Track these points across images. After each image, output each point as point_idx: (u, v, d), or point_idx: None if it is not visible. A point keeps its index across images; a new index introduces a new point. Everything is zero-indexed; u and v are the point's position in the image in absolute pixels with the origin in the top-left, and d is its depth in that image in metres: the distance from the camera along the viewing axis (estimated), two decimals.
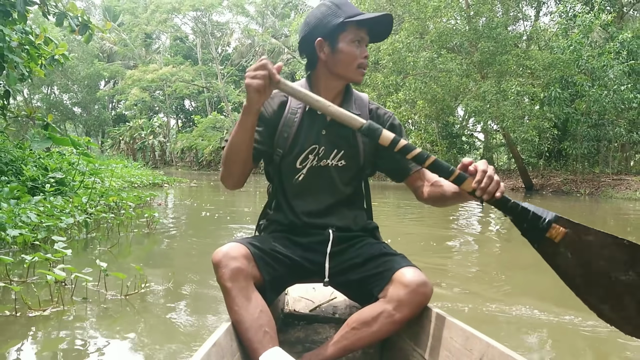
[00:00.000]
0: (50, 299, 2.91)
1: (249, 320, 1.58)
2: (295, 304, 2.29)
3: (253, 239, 1.80)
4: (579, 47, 20.20)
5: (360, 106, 1.96)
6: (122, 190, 8.90)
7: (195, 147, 42.18)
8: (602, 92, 19.61)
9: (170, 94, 41.62)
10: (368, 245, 1.90)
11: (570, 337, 2.88)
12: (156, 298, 3.20)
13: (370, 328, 1.65)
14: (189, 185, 16.87)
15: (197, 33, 41.35)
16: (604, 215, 12.15)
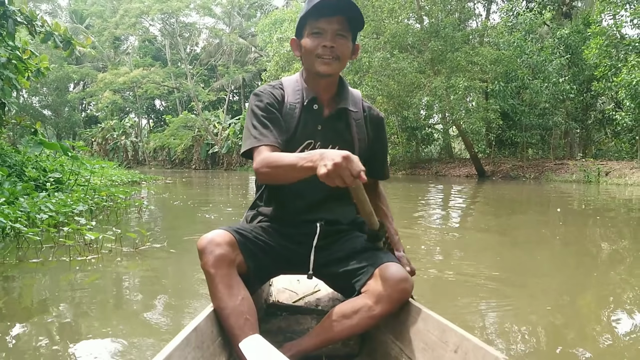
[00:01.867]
0: (88, 251, 4.39)
1: (230, 306, 1.62)
2: (279, 295, 2.33)
3: (240, 227, 1.84)
4: (522, 44, 22.01)
5: (354, 102, 2.00)
6: (109, 187, 10.27)
7: (167, 146, 43.30)
8: (543, 84, 21.48)
9: (141, 95, 42.59)
10: (354, 239, 1.95)
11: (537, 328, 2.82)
12: (156, 250, 4.71)
13: (350, 321, 1.69)
14: (165, 182, 18.22)
15: (165, 34, 42.31)
16: (540, 195, 13.97)
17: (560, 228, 7.30)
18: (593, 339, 2.70)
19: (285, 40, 22.24)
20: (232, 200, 11.87)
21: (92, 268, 4.04)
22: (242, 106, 47.04)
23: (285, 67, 22.45)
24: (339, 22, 1.85)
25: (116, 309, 3.11)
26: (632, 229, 7.37)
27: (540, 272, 4.21)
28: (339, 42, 1.86)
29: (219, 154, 41.05)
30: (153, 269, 4.15)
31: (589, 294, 3.70)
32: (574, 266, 4.65)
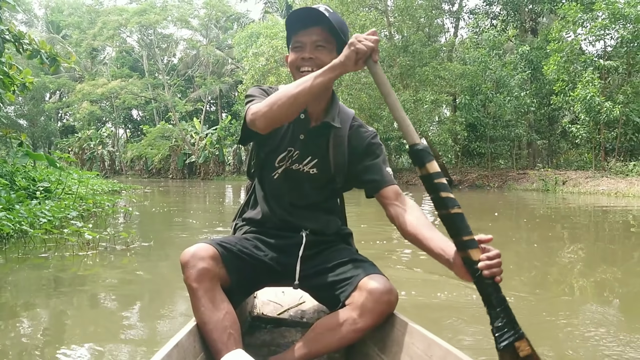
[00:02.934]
0: (87, 249, 5.19)
1: (213, 321, 1.61)
2: (264, 307, 2.33)
3: (223, 240, 1.81)
4: (486, 59, 23.22)
5: (343, 120, 1.96)
6: (94, 195, 11.00)
7: (145, 155, 43.75)
8: (506, 98, 22.69)
9: (118, 105, 43.06)
10: (339, 250, 1.93)
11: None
12: (144, 248, 5.51)
13: (334, 334, 1.68)
14: (144, 191, 18.90)
15: (143, 46, 42.87)
16: (502, 203, 14.99)
17: (508, 230, 8.24)
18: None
19: (260, 55, 23.10)
20: (210, 207, 12.68)
21: (91, 262, 4.84)
22: (219, 116, 47.71)
23: (261, 80, 23.28)
24: (317, 33, 1.85)
25: (113, 292, 3.92)
26: (567, 231, 8.36)
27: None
28: (318, 52, 1.85)
29: (196, 163, 41.64)
30: (143, 262, 4.97)
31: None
32: (519, 260, 5.55)
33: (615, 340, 2.80)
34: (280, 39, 23.40)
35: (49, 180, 10.42)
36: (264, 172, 1.99)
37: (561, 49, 21.11)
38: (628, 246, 6.81)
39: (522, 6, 27.00)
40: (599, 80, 20.23)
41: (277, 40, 23.28)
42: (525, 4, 27.12)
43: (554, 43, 21.46)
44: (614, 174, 19.18)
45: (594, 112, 19.67)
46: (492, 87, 23.34)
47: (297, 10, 1.86)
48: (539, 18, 28.79)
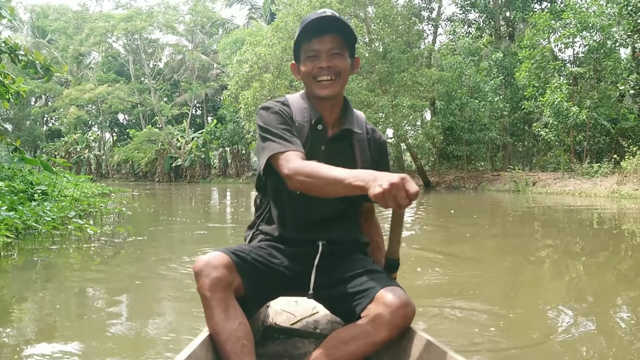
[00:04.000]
0: (90, 242, 6.00)
1: (227, 331, 1.60)
2: (277, 317, 2.31)
3: (237, 249, 1.79)
4: (462, 65, 24.22)
5: (359, 124, 1.98)
6: (88, 197, 11.75)
7: (131, 159, 44.36)
8: (480, 103, 23.71)
9: (105, 109, 43.65)
10: (355, 261, 1.91)
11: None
12: (139, 241, 6.33)
13: (349, 347, 1.65)
14: (132, 194, 19.63)
15: (129, 51, 43.47)
16: (474, 202, 15.94)
17: (476, 227, 9.14)
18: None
19: (244, 62, 23.93)
20: (197, 208, 13.50)
21: (93, 252, 5.66)
22: (205, 120, 48.42)
23: (245, 86, 24.11)
24: (332, 40, 1.85)
25: (115, 274, 4.74)
26: (532, 226, 9.28)
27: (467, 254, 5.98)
28: (335, 60, 1.85)
29: (182, 167, 42.36)
30: (138, 252, 5.79)
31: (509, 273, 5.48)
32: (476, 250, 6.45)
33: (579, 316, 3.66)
34: (263, 46, 24.23)
35: (45, 184, 11.17)
36: (281, 189, 1.88)
37: (532, 56, 22.16)
38: (583, 240, 7.73)
39: (496, 14, 28.10)
40: (567, 86, 21.32)
41: (261, 47, 24.10)
42: (500, 12, 28.23)
43: (526, 50, 22.53)
44: (580, 175, 20.22)
45: (562, 117, 20.74)
46: (467, 92, 24.35)
47: (315, 19, 1.82)
48: (515, 24, 29.89)
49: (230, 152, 42.41)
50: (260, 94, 24.29)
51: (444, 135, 24.45)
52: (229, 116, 38.54)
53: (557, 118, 21.00)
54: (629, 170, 17.25)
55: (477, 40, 25.98)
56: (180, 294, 3.90)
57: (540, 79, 22.30)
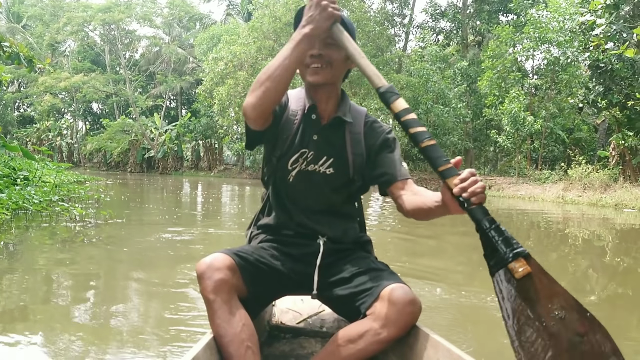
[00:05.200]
0: (75, 222, 6.87)
1: (230, 334, 1.60)
2: (282, 316, 2.32)
3: (240, 250, 1.79)
4: (429, 72, 25.42)
5: (355, 117, 1.96)
6: (67, 184, 12.51)
7: (104, 148, 44.64)
8: (444, 109, 24.94)
9: (79, 98, 43.85)
10: (358, 259, 1.90)
11: None
12: (119, 223, 7.22)
13: (356, 346, 1.65)
14: (105, 183, 20.33)
15: (106, 41, 43.69)
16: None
17: (436, 226, 10.15)
18: None
19: (219, 59, 24.75)
20: (169, 198, 14.36)
21: (79, 230, 6.54)
22: (179, 113, 48.86)
23: (219, 83, 24.95)
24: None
25: (100, 248, 5.64)
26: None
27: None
28: (328, 49, 1.83)
29: (155, 158, 42.79)
30: (119, 231, 6.69)
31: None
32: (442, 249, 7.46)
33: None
34: (239, 45, 25.08)
35: (27, 170, 11.90)
36: (278, 176, 1.93)
37: (494, 66, 23.47)
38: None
39: (464, 24, 29.40)
40: (525, 97, 22.67)
41: (236, 46, 24.95)
42: (468, 22, 29.55)
43: (488, 60, 23.83)
44: (533, 181, 21.58)
45: (519, 125, 22.08)
46: (433, 98, 25.57)
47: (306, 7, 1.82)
48: (483, 33, 31.26)
49: (203, 146, 43.00)
50: (234, 90, 25.17)
51: (409, 139, 25.52)
52: (203, 110, 39.17)
53: (513, 126, 22.33)
54: (574, 178, 18.61)
55: (445, 48, 27.21)
56: (154, 262, 4.83)
57: (501, 88, 23.63)
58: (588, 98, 19.04)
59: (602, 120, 22.49)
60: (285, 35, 24.56)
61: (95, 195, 10.62)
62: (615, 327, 3.48)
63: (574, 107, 22.96)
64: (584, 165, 18.80)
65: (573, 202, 17.00)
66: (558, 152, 24.01)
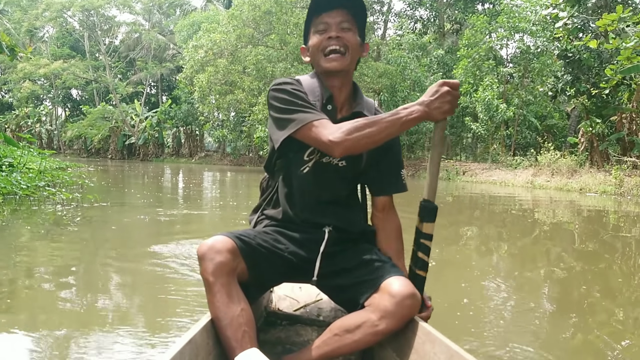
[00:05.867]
0: (63, 205, 7.31)
1: (228, 317, 1.59)
2: (280, 302, 2.31)
3: (242, 233, 1.78)
4: (406, 60, 25.93)
5: (368, 109, 1.96)
6: (51, 170, 12.84)
7: (84, 135, 44.64)
8: (420, 96, 25.50)
9: (59, 85, 43.70)
10: (361, 250, 1.90)
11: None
12: (104, 206, 7.68)
13: (352, 336, 1.65)
14: (87, 169, 20.62)
15: (85, 27, 43.52)
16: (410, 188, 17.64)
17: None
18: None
19: (199, 47, 25.01)
20: (151, 183, 14.78)
21: (66, 212, 6.98)
22: (160, 99, 48.94)
23: (200, 70, 25.23)
24: (341, 15, 1.85)
25: (88, 227, 6.11)
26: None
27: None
28: (344, 33, 1.83)
29: (136, 145, 42.94)
30: (103, 213, 7.15)
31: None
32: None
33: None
34: (218, 32, 25.34)
35: (12, 157, 12.22)
36: (291, 168, 1.91)
37: (469, 55, 24.06)
38: (489, 220, 9.42)
39: (441, 12, 29.93)
40: (498, 85, 23.33)
41: (216, 34, 25.22)
42: (445, 11, 30.08)
43: (464, 49, 24.41)
44: (505, 166, 22.29)
45: (492, 112, 22.75)
46: (410, 86, 26.13)
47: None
48: (461, 22, 31.81)
49: (184, 132, 43.24)
50: (214, 77, 25.48)
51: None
52: (184, 97, 39.38)
53: (487, 114, 23.00)
54: (543, 164, 19.34)
55: (422, 36, 27.72)
56: (137, 239, 5.31)
57: (476, 76, 24.25)
58: (557, 87, 19.72)
59: (573, 107, 23.23)
60: (265, 23, 24.91)
61: (80, 181, 11.02)
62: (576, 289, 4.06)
63: (546, 95, 23.67)
64: (552, 152, 19.53)
65: (541, 187, 17.72)
66: (531, 138, 24.76)
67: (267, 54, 24.21)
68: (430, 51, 29.11)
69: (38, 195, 7.84)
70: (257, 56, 24.05)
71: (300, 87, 1.86)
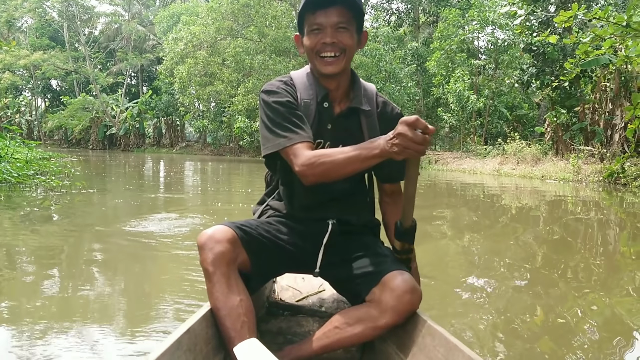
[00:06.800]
0: (53, 191, 7.99)
1: (227, 307, 1.59)
2: (283, 293, 2.32)
3: (244, 223, 1.78)
4: (382, 52, 26.69)
5: (368, 98, 1.92)
6: (37, 160, 13.42)
7: (65, 126, 44.86)
8: (395, 87, 26.33)
9: (38, 75, 43.79)
10: (364, 242, 1.90)
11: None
12: (91, 192, 8.36)
13: (353, 329, 1.66)
14: (70, 160, 21.14)
15: (64, 17, 43.56)
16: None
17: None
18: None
19: (179, 40, 25.56)
20: (132, 172, 15.43)
21: (58, 198, 7.67)
22: (140, 90, 49.23)
23: (180, 62, 25.78)
24: (338, 14, 1.75)
25: (79, 209, 6.80)
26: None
27: None
28: (340, 35, 1.76)
29: (117, 135, 43.30)
30: (90, 198, 7.84)
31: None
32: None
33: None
34: (198, 25, 25.90)
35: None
36: (290, 167, 1.79)
37: (442, 47, 24.91)
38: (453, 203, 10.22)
39: (416, 5, 30.74)
40: (469, 76, 24.22)
41: (196, 26, 25.76)
42: (419, 4, 30.90)
43: (437, 42, 25.26)
44: (475, 155, 23.23)
45: (463, 103, 23.67)
46: (384, 78, 26.94)
47: None
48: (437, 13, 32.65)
49: (165, 123, 43.65)
50: (194, 69, 26.07)
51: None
52: (164, 88, 39.80)
53: (458, 104, 23.90)
54: (509, 153, 20.29)
55: (397, 29, 28.52)
56: (123, 216, 6.02)
57: (449, 68, 25.12)
58: (522, 79, 20.64)
59: (542, 98, 24.20)
60: (243, 16, 25.53)
61: (66, 170, 11.68)
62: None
63: (513, 87, 24.63)
64: (518, 141, 20.49)
65: (507, 175, 18.67)
66: (501, 128, 25.74)
67: (245, 46, 24.87)
68: (406, 43, 29.91)
69: (30, 183, 8.48)
70: (236, 48, 24.70)
71: (288, 91, 1.85)
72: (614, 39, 10.99)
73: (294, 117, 1.78)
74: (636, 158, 14.52)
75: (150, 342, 2.39)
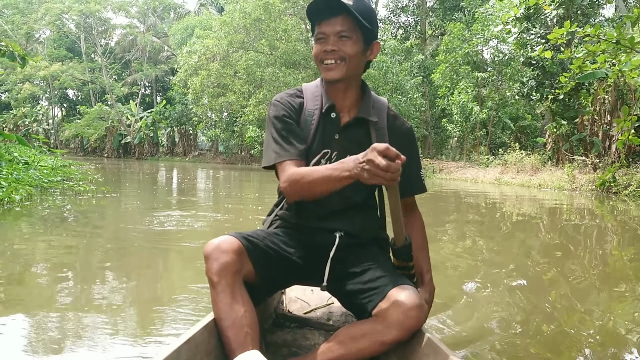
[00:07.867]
0: (81, 195, 8.88)
1: (231, 318, 1.58)
2: (291, 304, 2.30)
3: (251, 234, 1.77)
4: (388, 64, 27.52)
5: (378, 110, 1.94)
6: (61, 168, 14.36)
7: (81, 134, 46.08)
8: (402, 99, 27.15)
9: (56, 85, 45.08)
10: (371, 256, 1.89)
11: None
12: (115, 197, 9.24)
13: (357, 345, 1.64)
14: (88, 167, 22.12)
15: (82, 29, 44.86)
16: None
17: None
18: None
19: (193, 53, 26.58)
20: (147, 179, 16.34)
21: (85, 202, 8.54)
22: (154, 99, 50.39)
23: (193, 74, 26.78)
24: (342, 23, 1.79)
25: (107, 210, 7.65)
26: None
27: None
28: (341, 44, 1.79)
29: (131, 144, 44.41)
30: (115, 201, 8.70)
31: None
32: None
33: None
34: (211, 38, 26.91)
35: (27, 156, 13.74)
36: None
37: (447, 60, 25.70)
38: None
39: (422, 19, 31.61)
40: (473, 88, 24.99)
41: (209, 40, 26.77)
42: (426, 17, 31.77)
43: (442, 54, 26.06)
44: (477, 165, 23.96)
45: (467, 114, 24.44)
46: (391, 89, 27.76)
47: (315, 0, 1.78)
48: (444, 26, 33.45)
49: (178, 132, 44.75)
50: (207, 80, 27.04)
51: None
52: (178, 98, 40.87)
53: (462, 115, 24.68)
54: (510, 163, 21.02)
55: (404, 42, 29.38)
56: (149, 219, 6.86)
57: (453, 80, 25.90)
58: (523, 91, 21.38)
59: (543, 109, 24.87)
60: (255, 30, 26.49)
61: (89, 177, 12.59)
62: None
63: (513, 98, 25.35)
64: (518, 151, 21.22)
65: (506, 183, 19.38)
66: (505, 138, 26.44)
67: (256, 59, 25.82)
68: (412, 55, 30.72)
69: (60, 188, 9.37)
70: (248, 61, 25.65)
71: (293, 103, 1.91)
72: (608, 54, 11.77)
73: (286, 132, 1.84)
74: (626, 168, 15.20)
75: (154, 348, 2.36)
